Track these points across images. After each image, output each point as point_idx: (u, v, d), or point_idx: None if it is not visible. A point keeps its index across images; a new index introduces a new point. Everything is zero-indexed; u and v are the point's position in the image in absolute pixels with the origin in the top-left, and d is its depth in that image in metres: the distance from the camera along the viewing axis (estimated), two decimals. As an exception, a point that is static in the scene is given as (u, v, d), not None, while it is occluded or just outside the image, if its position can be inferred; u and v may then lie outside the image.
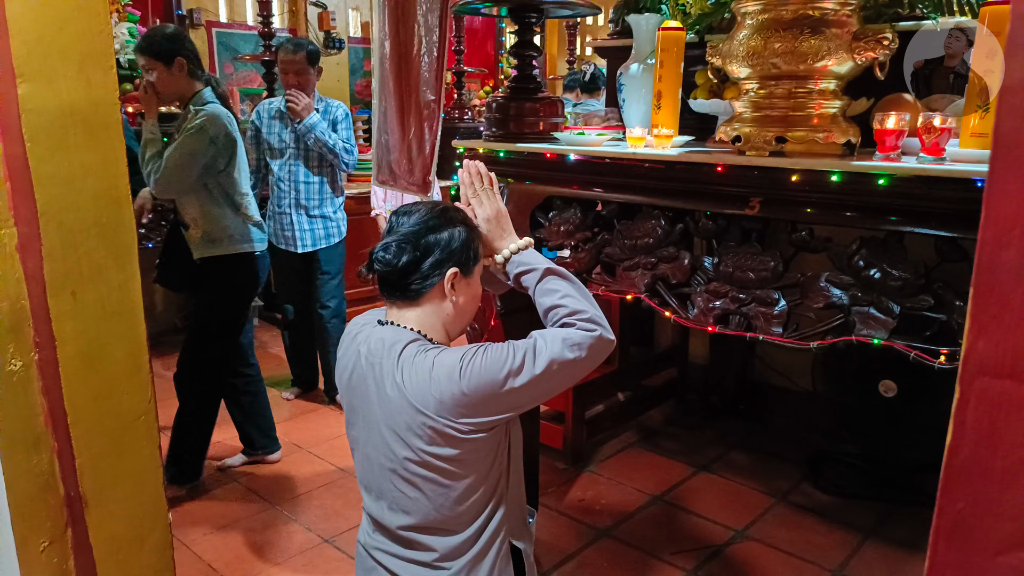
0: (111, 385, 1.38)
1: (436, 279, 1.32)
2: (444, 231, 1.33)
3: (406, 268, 1.31)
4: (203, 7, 4.87)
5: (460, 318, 1.40)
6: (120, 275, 1.38)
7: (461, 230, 1.35)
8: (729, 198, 1.67)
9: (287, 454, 3.06)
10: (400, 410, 1.28)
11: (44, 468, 1.31)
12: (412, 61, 2.19)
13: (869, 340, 1.45)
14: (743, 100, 1.67)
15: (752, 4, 1.59)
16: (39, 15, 1.21)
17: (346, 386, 1.40)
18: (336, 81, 5.60)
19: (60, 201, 1.27)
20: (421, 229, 1.32)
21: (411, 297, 1.34)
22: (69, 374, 1.31)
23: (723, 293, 1.68)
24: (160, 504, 1.45)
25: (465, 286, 1.37)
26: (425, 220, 1.33)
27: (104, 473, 1.36)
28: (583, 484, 2.88)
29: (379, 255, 1.33)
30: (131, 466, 1.41)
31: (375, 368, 1.32)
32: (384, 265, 1.32)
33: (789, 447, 3.15)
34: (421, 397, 1.26)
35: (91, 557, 1.34)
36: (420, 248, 1.31)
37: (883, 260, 1.46)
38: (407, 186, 2.27)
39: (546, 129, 2.08)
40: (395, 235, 1.33)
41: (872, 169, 1.41)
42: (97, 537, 1.35)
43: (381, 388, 1.31)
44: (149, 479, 1.44)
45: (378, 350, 1.33)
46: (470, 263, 1.36)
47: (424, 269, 1.31)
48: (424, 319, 1.36)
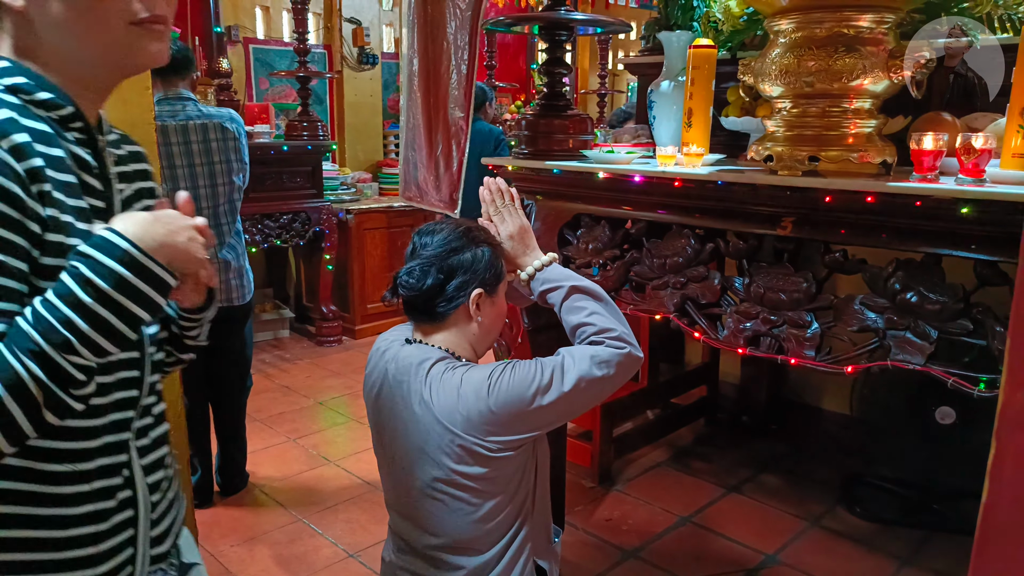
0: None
1: (461, 301, 1.33)
2: (467, 252, 1.33)
3: (431, 292, 1.32)
4: (241, 24, 4.98)
5: (486, 336, 1.40)
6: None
7: (484, 250, 1.35)
8: (761, 217, 1.65)
9: (314, 466, 3.08)
10: (428, 428, 1.28)
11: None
12: (441, 78, 2.21)
13: (906, 365, 1.41)
14: (775, 119, 1.64)
15: (785, 22, 1.57)
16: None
17: (373, 404, 1.41)
18: (369, 96, 5.67)
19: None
20: (444, 251, 1.32)
21: (437, 319, 1.35)
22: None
23: (754, 314, 1.65)
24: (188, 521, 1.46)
25: (490, 305, 1.37)
26: (448, 241, 1.33)
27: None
28: (610, 503, 2.84)
29: (403, 279, 1.34)
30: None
31: (402, 386, 1.33)
32: (409, 289, 1.33)
33: (822, 469, 3.08)
34: (449, 415, 1.26)
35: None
36: (444, 271, 1.31)
37: (920, 283, 1.42)
38: (434, 203, 2.27)
39: (575, 147, 2.07)
40: (418, 258, 1.34)
41: (909, 191, 1.37)
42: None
43: (408, 407, 1.31)
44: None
45: (405, 368, 1.33)
46: (494, 283, 1.37)
47: (449, 292, 1.32)
48: (451, 339, 1.36)
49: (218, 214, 2.61)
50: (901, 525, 2.69)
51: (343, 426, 3.51)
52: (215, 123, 2.57)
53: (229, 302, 2.66)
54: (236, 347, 2.80)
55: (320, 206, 4.54)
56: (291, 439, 3.34)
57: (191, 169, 2.52)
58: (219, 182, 2.58)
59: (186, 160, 2.50)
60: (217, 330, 2.65)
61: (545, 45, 2.09)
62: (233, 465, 2.85)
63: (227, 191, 2.61)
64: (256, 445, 3.15)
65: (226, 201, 2.61)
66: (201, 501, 2.72)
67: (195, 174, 2.53)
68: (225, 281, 2.63)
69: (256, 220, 4.24)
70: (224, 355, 2.77)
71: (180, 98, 2.54)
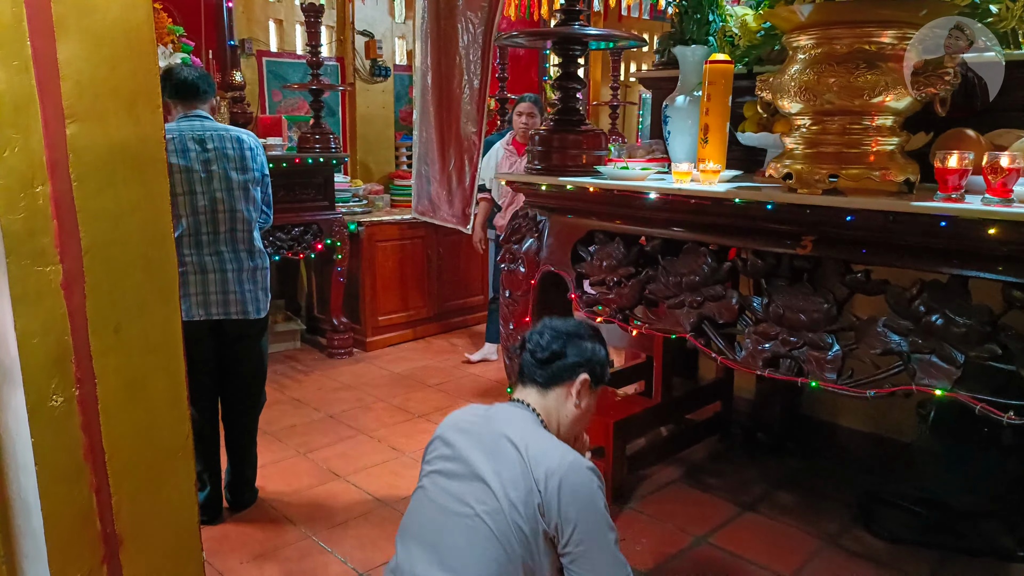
0: (151, 419, 1.38)
1: (569, 377, 1.49)
2: (591, 343, 1.52)
3: (550, 356, 1.49)
4: (254, 37, 5.00)
5: (574, 424, 1.54)
6: (164, 309, 1.39)
7: (603, 350, 1.54)
8: (780, 236, 1.62)
9: (325, 481, 3.05)
10: (512, 462, 1.37)
11: (83, 503, 1.32)
12: (453, 93, 2.19)
13: (931, 390, 1.37)
14: (795, 136, 1.61)
15: (805, 38, 1.54)
16: (92, 56, 1.23)
17: (454, 426, 1.49)
18: (381, 108, 5.67)
19: (106, 237, 1.28)
20: (574, 332, 1.51)
21: (543, 383, 1.51)
22: (109, 409, 1.32)
23: (773, 335, 1.61)
24: (194, 540, 1.44)
25: (588, 395, 1.52)
26: (579, 327, 1.53)
27: (140, 509, 1.36)
28: (624, 522, 2.80)
29: (533, 336, 1.52)
30: (167, 501, 1.41)
31: (492, 421, 1.45)
32: (534, 346, 1.50)
33: (838, 486, 3.02)
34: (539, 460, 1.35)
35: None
36: (568, 344, 1.50)
37: (945, 305, 1.38)
38: (447, 218, 2.26)
39: (589, 162, 2.05)
40: (549, 327, 1.52)
41: (934, 211, 1.34)
42: (131, 573, 1.35)
43: (499, 440, 1.40)
44: (185, 515, 1.43)
45: (502, 411, 1.48)
46: (599, 379, 1.53)
47: (565, 362, 1.49)
48: (546, 405, 1.51)
49: (235, 219, 2.59)
50: (919, 545, 2.63)
51: (353, 440, 3.48)
52: (232, 135, 2.59)
53: (246, 315, 2.64)
54: (253, 363, 2.76)
55: (332, 218, 4.53)
56: (301, 453, 3.31)
57: (207, 174, 2.52)
58: (235, 187, 2.57)
59: (202, 167, 2.51)
60: (233, 346, 2.67)
61: (559, 60, 2.08)
62: (243, 481, 2.83)
63: (243, 195, 2.60)
64: (266, 459, 3.13)
65: (244, 206, 2.60)
66: (210, 517, 2.70)
67: (211, 178, 2.53)
68: (239, 292, 2.61)
69: (268, 231, 4.24)
70: (240, 372, 2.74)
71: (199, 116, 2.58)
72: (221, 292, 2.55)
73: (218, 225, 2.53)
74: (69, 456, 1.29)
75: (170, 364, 1.39)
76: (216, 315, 2.54)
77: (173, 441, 1.40)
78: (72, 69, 1.21)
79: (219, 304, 2.55)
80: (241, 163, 2.58)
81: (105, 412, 1.31)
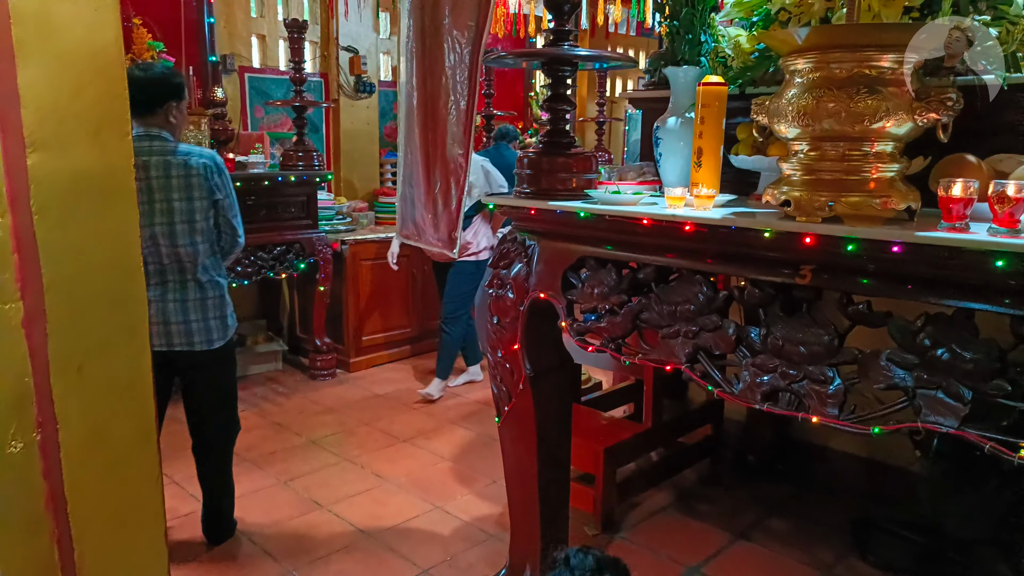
0: (117, 465, 1.30)
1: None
2: None
3: None
4: (237, 52, 4.92)
5: None
6: (131, 347, 1.31)
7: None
8: (778, 264, 1.57)
9: (306, 511, 2.95)
10: None
11: (44, 556, 1.23)
12: (439, 114, 2.13)
13: (938, 428, 1.32)
14: (792, 161, 1.56)
15: (802, 61, 1.50)
16: (55, 81, 1.16)
17: None
18: (365, 124, 5.61)
19: (68, 272, 1.21)
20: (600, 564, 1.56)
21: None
22: (72, 455, 1.23)
23: (771, 368, 1.55)
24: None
25: None
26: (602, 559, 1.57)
27: (105, 561, 1.28)
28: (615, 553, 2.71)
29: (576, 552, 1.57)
30: (133, 551, 1.33)
31: None
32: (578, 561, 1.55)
33: (831, 512, 2.97)
34: None
35: (87, 656, 1.24)
36: None
37: (951, 339, 1.33)
38: (432, 242, 2.19)
39: (579, 186, 1.99)
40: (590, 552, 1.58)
41: (939, 241, 1.29)
42: (95, 630, 1.26)
43: None
44: (153, 565, 1.35)
45: None
46: None
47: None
48: None
49: (176, 255, 2.44)
50: (914, 574, 2.58)
51: (336, 467, 3.39)
52: (178, 160, 2.41)
53: (191, 346, 2.48)
54: (213, 393, 2.63)
55: (315, 237, 4.45)
56: (281, 481, 3.21)
57: (149, 207, 2.36)
58: (177, 219, 2.41)
59: (145, 196, 2.33)
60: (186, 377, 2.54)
61: (547, 81, 2.02)
62: (218, 512, 2.72)
63: (187, 228, 2.43)
64: (245, 488, 3.03)
65: (187, 240, 2.43)
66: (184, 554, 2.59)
67: (153, 211, 2.37)
68: (184, 323, 2.46)
69: (249, 251, 4.14)
70: (198, 403, 2.62)
71: (147, 136, 2.40)
72: (162, 323, 2.43)
73: (161, 259, 2.42)
74: (29, 506, 1.21)
75: (138, 405, 1.31)
76: (158, 346, 2.39)
77: (141, 488, 1.32)
78: (33, 94, 1.13)
79: (160, 335, 2.43)
80: (187, 191, 2.42)
81: (68, 458, 1.23)
